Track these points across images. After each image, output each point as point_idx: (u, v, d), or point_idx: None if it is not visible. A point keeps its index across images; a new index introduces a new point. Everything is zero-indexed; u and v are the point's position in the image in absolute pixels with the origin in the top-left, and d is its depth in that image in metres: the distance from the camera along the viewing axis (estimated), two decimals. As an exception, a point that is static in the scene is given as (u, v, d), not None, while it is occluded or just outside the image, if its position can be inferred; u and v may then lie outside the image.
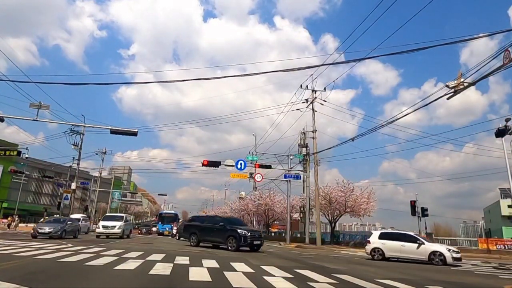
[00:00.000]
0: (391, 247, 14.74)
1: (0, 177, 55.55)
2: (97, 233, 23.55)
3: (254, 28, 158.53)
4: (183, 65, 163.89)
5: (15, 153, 25.94)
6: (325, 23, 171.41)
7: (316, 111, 27.08)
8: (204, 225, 16.52)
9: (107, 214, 31.59)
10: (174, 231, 26.99)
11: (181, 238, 19.88)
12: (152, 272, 6.88)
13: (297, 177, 28.87)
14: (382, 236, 15.38)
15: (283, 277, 7.17)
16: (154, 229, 41.74)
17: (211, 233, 15.77)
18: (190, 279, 6.34)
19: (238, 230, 14.82)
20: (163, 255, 10.70)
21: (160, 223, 37.08)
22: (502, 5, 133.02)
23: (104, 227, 22.93)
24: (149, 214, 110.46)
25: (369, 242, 15.54)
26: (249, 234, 14.71)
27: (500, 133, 16.44)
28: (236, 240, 14.57)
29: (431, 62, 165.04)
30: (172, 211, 44.10)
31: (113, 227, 22.79)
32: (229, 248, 14.54)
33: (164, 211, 44.52)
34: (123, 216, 25.66)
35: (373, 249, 15.10)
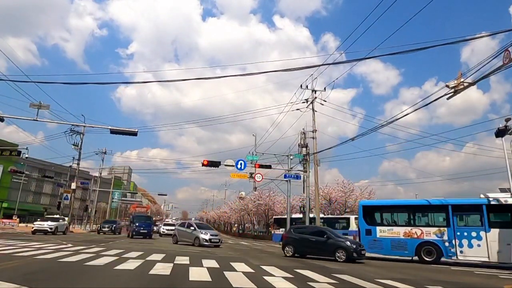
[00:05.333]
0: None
1: (0, 177, 55.51)
2: None
3: (255, 27, 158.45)
4: (182, 64, 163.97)
5: (15, 153, 25.87)
6: (326, 22, 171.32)
7: (316, 111, 27.06)
8: None
9: None
10: None
11: None
12: (152, 272, 6.88)
13: (297, 177, 28.84)
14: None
15: (283, 277, 7.17)
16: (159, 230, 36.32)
17: None
18: (190, 279, 6.34)
19: None
20: (163, 255, 10.70)
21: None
22: (502, 4, 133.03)
23: None
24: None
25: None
26: None
27: (500, 133, 16.41)
28: None
29: (432, 61, 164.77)
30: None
31: None
32: None
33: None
34: None
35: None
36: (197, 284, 5.95)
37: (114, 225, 32.17)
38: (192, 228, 18.76)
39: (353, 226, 24.54)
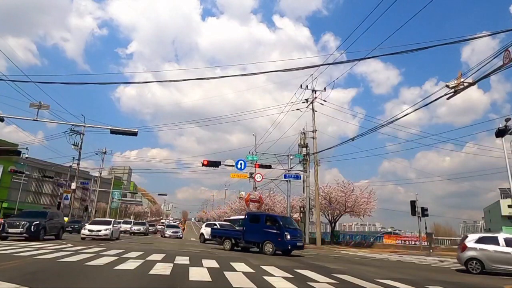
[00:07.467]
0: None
1: (0, 177, 55.50)
2: None
3: (256, 27, 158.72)
4: (182, 64, 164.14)
5: (15, 153, 25.91)
6: (327, 22, 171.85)
7: (316, 111, 27.13)
8: None
9: None
10: None
11: None
12: (152, 272, 6.87)
13: (297, 177, 28.86)
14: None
15: (283, 277, 7.16)
16: None
17: None
18: (190, 279, 6.33)
19: None
20: (163, 255, 10.69)
21: None
22: (503, 3, 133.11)
23: None
24: (149, 214, 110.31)
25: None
26: None
27: (500, 133, 16.41)
28: None
29: (432, 61, 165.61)
30: None
31: None
32: None
33: None
34: None
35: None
36: (197, 284, 5.94)
37: (37, 223, 15.24)
38: None
39: None
